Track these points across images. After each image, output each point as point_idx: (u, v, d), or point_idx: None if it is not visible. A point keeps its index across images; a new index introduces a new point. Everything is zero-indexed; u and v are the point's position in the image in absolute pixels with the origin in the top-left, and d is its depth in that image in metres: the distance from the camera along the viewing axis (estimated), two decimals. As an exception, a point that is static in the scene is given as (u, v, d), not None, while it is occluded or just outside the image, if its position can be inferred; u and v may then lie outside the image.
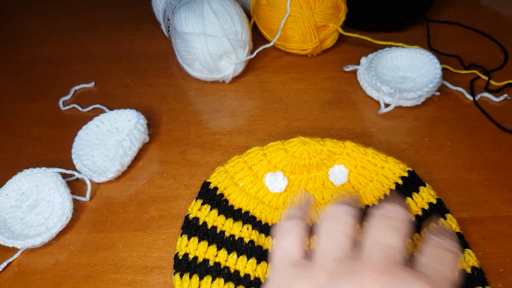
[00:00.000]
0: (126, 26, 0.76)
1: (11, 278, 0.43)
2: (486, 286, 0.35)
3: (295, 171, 0.45)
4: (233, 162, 0.45)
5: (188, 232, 0.41)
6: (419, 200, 0.41)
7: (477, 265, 0.37)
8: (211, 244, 0.40)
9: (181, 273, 0.39)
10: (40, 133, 0.58)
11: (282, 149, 0.45)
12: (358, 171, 0.44)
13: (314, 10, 0.58)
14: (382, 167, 0.43)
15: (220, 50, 0.55)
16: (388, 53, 0.58)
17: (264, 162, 0.45)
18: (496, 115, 0.52)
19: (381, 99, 0.54)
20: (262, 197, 0.44)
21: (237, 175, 0.45)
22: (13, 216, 0.46)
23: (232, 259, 0.39)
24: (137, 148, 0.51)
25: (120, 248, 0.44)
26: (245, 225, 0.41)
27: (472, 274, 0.36)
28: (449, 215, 0.40)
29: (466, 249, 0.38)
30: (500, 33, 0.64)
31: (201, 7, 0.55)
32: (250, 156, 0.45)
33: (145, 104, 0.60)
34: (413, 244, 0.38)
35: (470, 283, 0.36)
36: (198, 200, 0.43)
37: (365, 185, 0.43)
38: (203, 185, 0.44)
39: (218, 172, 0.45)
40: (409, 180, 0.42)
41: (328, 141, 0.45)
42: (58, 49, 0.73)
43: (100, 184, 0.50)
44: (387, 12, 0.64)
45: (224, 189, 0.44)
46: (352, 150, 0.44)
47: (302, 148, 0.45)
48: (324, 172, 0.45)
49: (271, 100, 0.58)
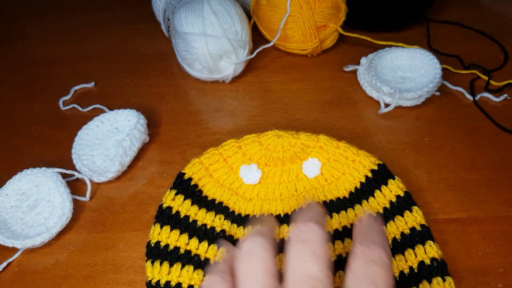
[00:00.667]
0: (126, 26, 0.76)
1: (11, 278, 0.43)
2: (446, 276, 0.36)
3: (270, 164, 0.46)
4: (208, 154, 0.46)
5: (161, 221, 0.42)
6: (387, 193, 0.42)
7: (438, 256, 0.37)
8: (183, 233, 0.41)
9: (152, 260, 0.39)
10: (40, 133, 0.58)
11: (257, 142, 0.46)
12: (331, 164, 0.45)
13: (314, 10, 0.58)
14: (353, 160, 0.44)
15: (220, 50, 0.55)
16: (388, 53, 0.58)
17: (239, 154, 0.46)
18: (496, 115, 0.52)
19: (381, 99, 0.54)
20: (236, 189, 0.45)
21: (212, 167, 0.46)
22: (13, 216, 0.46)
23: (203, 247, 0.40)
24: (137, 148, 0.51)
25: (120, 248, 0.44)
26: (217, 215, 0.42)
27: (432, 265, 0.36)
28: (415, 208, 0.40)
29: (428, 241, 0.38)
30: (500, 33, 0.64)
31: (201, 7, 0.55)
32: (225, 148, 0.46)
33: (145, 104, 0.60)
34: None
35: (429, 274, 0.36)
36: (172, 190, 0.44)
37: (337, 178, 0.44)
38: (178, 175, 0.45)
39: (193, 164, 0.46)
40: (378, 173, 0.43)
41: (302, 134, 0.46)
42: (58, 49, 0.73)
43: (100, 184, 0.50)
44: (387, 12, 0.64)
45: (198, 180, 0.45)
46: (325, 143, 0.45)
47: (276, 141, 0.46)
48: (298, 164, 0.46)
49: (271, 100, 0.58)
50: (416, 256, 0.37)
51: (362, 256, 0.24)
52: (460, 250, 0.40)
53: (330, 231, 0.41)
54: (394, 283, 0.24)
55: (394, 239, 0.39)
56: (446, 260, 0.39)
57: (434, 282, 0.35)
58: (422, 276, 0.36)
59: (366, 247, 0.25)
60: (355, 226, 0.27)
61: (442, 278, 0.36)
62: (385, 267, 0.24)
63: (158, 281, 0.38)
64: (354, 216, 0.41)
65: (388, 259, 0.25)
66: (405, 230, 0.39)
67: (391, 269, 0.25)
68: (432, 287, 0.35)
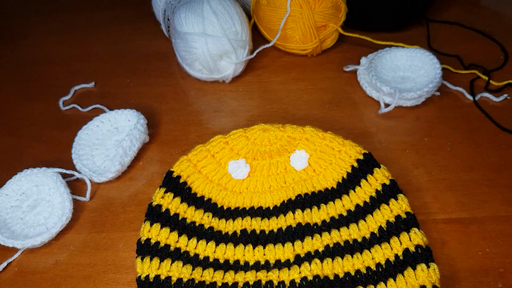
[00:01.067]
0: (126, 26, 0.76)
1: (11, 278, 0.43)
2: (430, 263, 0.36)
3: (257, 157, 0.46)
4: (196, 151, 0.47)
5: (151, 219, 0.42)
6: (373, 182, 0.42)
7: (423, 243, 0.37)
8: (172, 231, 0.41)
9: (142, 256, 0.40)
10: (40, 133, 0.58)
11: (243, 137, 0.47)
12: (318, 155, 0.46)
13: (314, 10, 0.58)
14: (339, 151, 0.45)
15: (220, 50, 0.55)
16: (388, 53, 0.58)
17: (227, 150, 0.47)
18: (496, 115, 0.52)
19: (381, 99, 0.54)
20: (225, 184, 0.46)
21: (200, 163, 0.46)
22: (13, 216, 0.46)
23: (192, 244, 0.41)
24: (137, 148, 0.51)
25: (120, 248, 0.44)
26: (206, 213, 0.43)
27: (416, 252, 0.37)
28: (401, 195, 0.41)
29: (413, 228, 0.38)
30: (500, 33, 0.64)
31: (201, 7, 0.55)
32: (212, 144, 0.47)
33: (145, 104, 0.60)
34: (366, 226, 0.40)
35: (413, 261, 0.36)
36: (161, 188, 0.44)
37: (325, 168, 0.45)
38: (167, 174, 0.45)
39: (181, 161, 0.46)
40: (364, 163, 0.43)
41: (288, 127, 0.47)
42: (58, 49, 0.73)
43: (100, 184, 0.50)
44: (387, 12, 0.64)
45: (187, 177, 0.45)
46: (311, 135, 0.46)
47: (262, 135, 0.47)
48: (285, 157, 0.46)
49: (271, 100, 0.58)
50: (401, 244, 0.38)
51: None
52: (460, 250, 0.40)
53: (318, 222, 0.41)
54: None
55: (380, 228, 0.39)
56: (446, 260, 0.39)
57: (419, 269, 0.36)
58: (407, 263, 0.36)
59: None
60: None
61: (427, 264, 0.36)
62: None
63: (148, 276, 0.38)
64: (342, 207, 0.42)
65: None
66: (391, 218, 0.39)
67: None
68: (417, 273, 0.36)
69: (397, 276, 0.36)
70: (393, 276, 0.36)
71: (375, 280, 0.37)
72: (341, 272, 0.38)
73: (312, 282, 0.37)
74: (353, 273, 0.37)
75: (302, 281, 0.37)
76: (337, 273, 0.37)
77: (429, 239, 0.40)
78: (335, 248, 0.39)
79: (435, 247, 0.40)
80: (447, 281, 0.38)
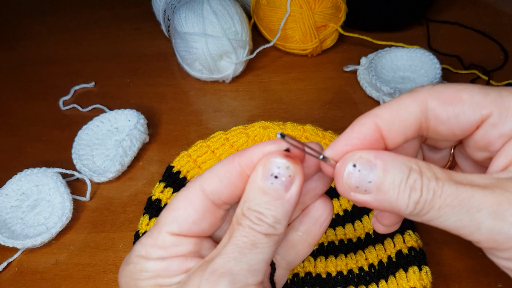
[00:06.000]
0: (126, 26, 0.76)
1: (11, 278, 0.43)
2: (423, 266, 0.36)
3: None
4: (196, 147, 0.47)
5: (149, 213, 0.42)
6: None
7: (417, 246, 0.37)
8: None
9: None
10: (40, 133, 0.58)
11: (243, 133, 0.47)
12: None
13: (314, 10, 0.58)
14: None
15: (220, 50, 0.55)
16: (388, 53, 0.58)
17: (226, 146, 0.47)
18: (496, 115, 0.52)
19: (381, 99, 0.54)
20: None
21: (200, 159, 0.47)
22: (13, 216, 0.46)
23: None
24: (137, 148, 0.51)
25: (120, 248, 0.44)
26: None
27: (409, 254, 0.37)
28: None
29: (407, 230, 0.38)
30: (500, 33, 0.64)
31: (201, 7, 0.55)
32: (212, 140, 0.47)
33: (145, 104, 0.60)
34: (362, 226, 0.40)
35: (406, 263, 0.36)
36: (161, 183, 0.45)
37: None
38: (167, 168, 0.46)
39: (181, 156, 0.47)
40: None
41: (288, 125, 0.47)
42: (58, 49, 0.73)
43: (100, 184, 0.50)
44: (387, 12, 0.64)
45: (187, 172, 0.46)
46: (311, 133, 0.46)
47: (263, 132, 0.47)
48: None
49: (271, 100, 0.58)
50: (394, 245, 0.38)
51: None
52: (460, 250, 0.40)
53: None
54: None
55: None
56: (446, 260, 0.39)
57: (410, 271, 0.36)
58: (399, 265, 0.36)
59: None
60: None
61: (419, 267, 0.36)
62: None
63: None
64: (339, 206, 0.42)
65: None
66: None
67: None
68: (408, 276, 0.36)
69: (389, 278, 0.36)
70: (385, 277, 0.36)
71: (367, 280, 0.37)
72: (334, 271, 0.38)
73: (304, 279, 0.37)
74: (345, 272, 0.37)
75: (293, 278, 0.37)
76: (329, 272, 0.37)
77: (429, 239, 0.40)
78: (329, 246, 0.39)
79: (435, 247, 0.40)
80: (447, 281, 0.38)
